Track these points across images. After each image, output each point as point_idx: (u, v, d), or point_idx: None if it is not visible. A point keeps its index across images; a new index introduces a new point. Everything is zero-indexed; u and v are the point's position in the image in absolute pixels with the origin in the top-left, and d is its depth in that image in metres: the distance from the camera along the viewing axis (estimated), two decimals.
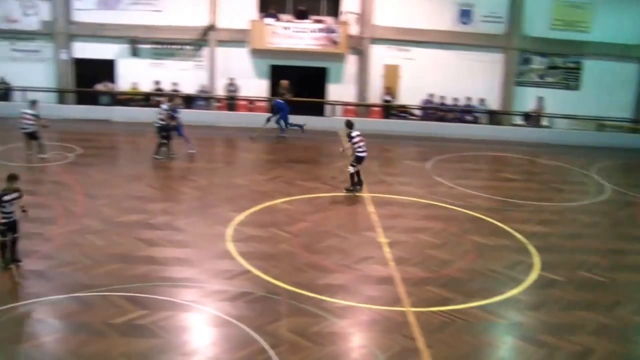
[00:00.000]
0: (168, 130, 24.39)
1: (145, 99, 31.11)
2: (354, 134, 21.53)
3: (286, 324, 12.93)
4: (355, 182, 21.47)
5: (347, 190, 21.49)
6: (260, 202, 20.02)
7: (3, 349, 11.81)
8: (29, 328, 12.71)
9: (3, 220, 14.59)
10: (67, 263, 15.35)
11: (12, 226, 14.79)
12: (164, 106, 24.94)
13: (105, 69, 31.68)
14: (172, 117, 24.57)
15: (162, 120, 24.24)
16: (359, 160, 21.41)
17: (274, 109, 28.48)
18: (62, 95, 31.92)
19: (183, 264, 15.52)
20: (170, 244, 16.64)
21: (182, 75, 31.67)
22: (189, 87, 31.59)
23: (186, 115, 27.80)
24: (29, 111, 23.74)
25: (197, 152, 25.20)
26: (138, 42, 31.34)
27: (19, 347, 11.89)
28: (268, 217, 18.89)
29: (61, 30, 31.17)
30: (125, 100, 31.41)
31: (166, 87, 31.30)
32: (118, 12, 31.11)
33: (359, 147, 21.32)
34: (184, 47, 31.64)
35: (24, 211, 14.92)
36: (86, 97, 31.74)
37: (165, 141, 24.44)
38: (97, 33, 31.33)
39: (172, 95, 28.49)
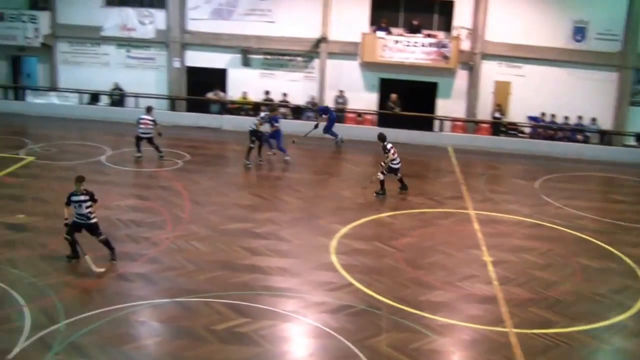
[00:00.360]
0: (258, 136, 24.62)
1: (255, 109, 31.40)
2: (389, 146, 21.80)
3: (386, 339, 12.74)
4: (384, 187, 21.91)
5: (377, 193, 21.82)
6: (365, 215, 19.84)
7: (106, 349, 11.98)
8: (132, 330, 12.87)
9: (74, 219, 15.21)
10: (171, 268, 15.53)
11: (88, 228, 15.25)
12: (263, 114, 25.54)
13: (216, 77, 32.17)
14: (272, 125, 25.01)
15: (256, 125, 24.65)
16: (392, 170, 21.89)
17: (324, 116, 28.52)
18: (173, 103, 32.55)
19: (285, 274, 15.48)
20: (273, 253, 16.64)
21: (292, 86, 31.84)
22: (298, 98, 31.74)
23: (294, 126, 27.98)
24: (148, 117, 24.32)
25: (302, 163, 25.24)
26: (250, 52, 31.67)
27: (121, 348, 12.04)
28: (372, 231, 18.71)
29: (175, 39, 31.83)
30: (235, 109, 31.78)
31: (276, 97, 31.52)
32: (231, 22, 31.55)
33: (394, 159, 21.75)
34: (294, 58, 31.82)
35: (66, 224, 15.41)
36: (197, 104, 32.27)
37: (253, 146, 24.70)
38: (210, 42, 31.86)
39: (274, 105, 28.77)
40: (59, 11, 32.58)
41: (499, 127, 31.41)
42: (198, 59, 32.29)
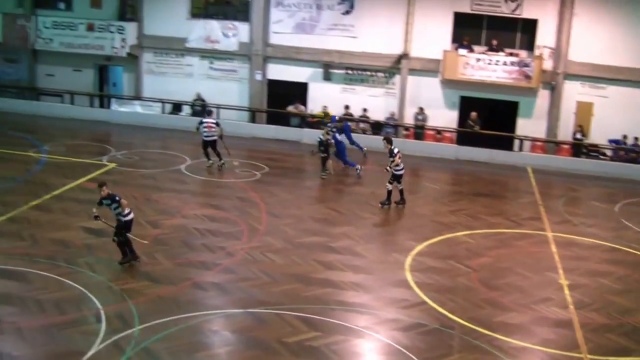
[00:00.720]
0: (326, 147, 24.79)
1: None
2: (395, 150, 21.66)
3: (457, 359, 12.55)
4: (389, 198, 21.86)
5: (382, 204, 21.76)
6: (441, 234, 19.61)
7: (178, 356, 12.10)
8: (205, 338, 12.98)
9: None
10: (246, 278, 15.62)
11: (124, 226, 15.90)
12: (330, 124, 26.07)
13: (297, 91, 32.33)
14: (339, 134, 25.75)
15: (323, 135, 24.95)
16: (396, 178, 21.58)
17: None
18: (254, 115, 32.81)
19: (359, 289, 15.40)
20: (348, 268, 16.57)
21: (372, 101, 31.76)
22: (378, 114, 31.64)
23: (371, 141, 27.89)
24: (210, 120, 24.66)
25: (379, 179, 25.11)
26: (331, 66, 31.74)
27: (193, 356, 12.14)
28: (448, 249, 18.46)
29: (258, 52, 32.13)
30: (314, 123, 31.85)
31: (356, 112, 31.49)
32: (313, 36, 31.70)
33: (398, 165, 21.52)
34: (375, 73, 31.76)
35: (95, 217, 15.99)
36: (277, 117, 32.45)
37: (325, 155, 24.88)
38: (292, 56, 32.06)
39: (342, 118, 28.74)
40: (145, 22, 33.29)
41: (580, 148, 30.71)
42: (279, 72, 32.51)
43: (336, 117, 28.55)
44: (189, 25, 32.82)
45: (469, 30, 30.99)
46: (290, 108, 32.28)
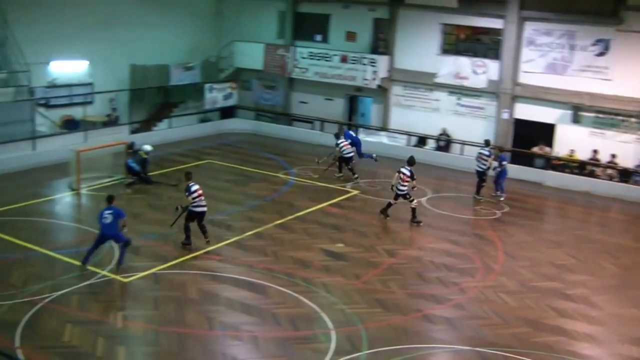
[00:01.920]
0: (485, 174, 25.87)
1: (581, 167, 30.50)
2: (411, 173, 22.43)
3: None
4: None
5: (416, 222, 22.35)
6: None
7: None
8: None
9: None
10: (476, 316, 15.64)
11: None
12: (484, 151, 26.32)
13: (543, 132, 31.69)
14: (499, 164, 26.12)
15: (484, 165, 25.92)
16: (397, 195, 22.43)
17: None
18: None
19: (592, 341, 14.95)
20: (582, 318, 16.12)
21: (622, 147, 30.46)
22: (627, 161, 30.32)
23: (619, 189, 26.84)
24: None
25: (627, 229, 24.14)
26: (581, 109, 30.88)
27: None
28: None
29: (506, 90, 31.92)
30: (559, 166, 31.12)
31: (604, 157, 30.40)
32: (564, 77, 30.95)
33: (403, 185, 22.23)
34: (628, 118, 30.50)
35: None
36: (522, 157, 32.02)
37: (483, 184, 25.89)
38: (540, 96, 31.50)
39: (488, 141, 28.03)
40: (397, 56, 34.18)
41: None
42: (526, 111, 32.04)
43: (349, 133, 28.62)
44: (439, 61, 33.28)
45: None
46: (535, 149, 31.75)
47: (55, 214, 22.08)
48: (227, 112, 37.58)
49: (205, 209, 18.81)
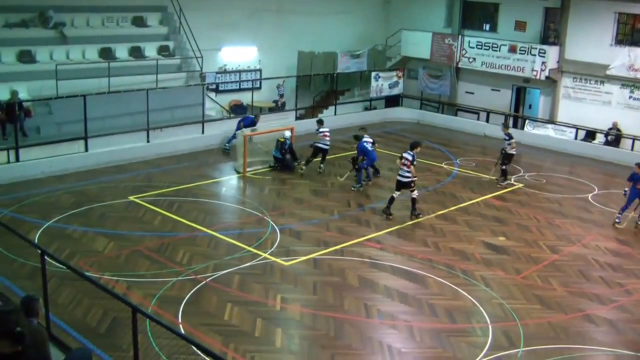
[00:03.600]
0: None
1: None
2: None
3: None
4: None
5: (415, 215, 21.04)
6: None
7: None
8: None
9: None
10: None
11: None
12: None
13: None
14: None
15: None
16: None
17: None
18: None
19: None
20: None
21: None
22: None
23: None
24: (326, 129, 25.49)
25: None
26: None
27: None
28: None
29: None
30: None
31: None
32: None
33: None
34: None
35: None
36: None
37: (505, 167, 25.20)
38: None
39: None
40: (568, 47, 33.16)
41: None
42: None
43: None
44: (612, 52, 31.99)
45: None
46: None
47: (221, 196, 23.07)
48: (392, 101, 37.82)
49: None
